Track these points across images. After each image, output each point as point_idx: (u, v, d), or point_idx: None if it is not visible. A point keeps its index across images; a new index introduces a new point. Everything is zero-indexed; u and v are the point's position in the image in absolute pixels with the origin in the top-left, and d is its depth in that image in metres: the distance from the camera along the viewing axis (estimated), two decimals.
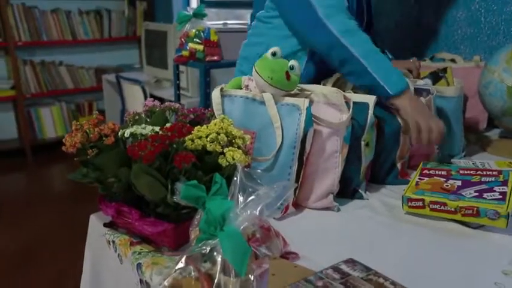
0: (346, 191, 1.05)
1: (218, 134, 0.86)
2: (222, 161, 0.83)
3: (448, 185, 0.99)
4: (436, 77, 1.42)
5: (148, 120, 0.99)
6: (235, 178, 0.74)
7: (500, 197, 0.92)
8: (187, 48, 1.79)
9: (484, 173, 1.02)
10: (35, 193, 3.17)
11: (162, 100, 3.09)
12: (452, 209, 0.91)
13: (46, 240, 2.49)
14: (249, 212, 0.70)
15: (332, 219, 0.97)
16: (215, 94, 1.00)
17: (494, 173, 1.02)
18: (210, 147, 0.83)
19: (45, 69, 3.95)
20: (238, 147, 0.87)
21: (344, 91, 1.25)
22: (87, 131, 0.84)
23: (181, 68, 2.32)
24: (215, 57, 1.77)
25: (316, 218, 0.97)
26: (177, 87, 2.13)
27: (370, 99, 1.04)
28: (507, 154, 1.33)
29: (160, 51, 2.85)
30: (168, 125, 0.93)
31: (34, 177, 3.56)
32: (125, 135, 0.84)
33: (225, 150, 0.83)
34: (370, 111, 1.03)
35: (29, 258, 2.34)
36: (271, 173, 0.95)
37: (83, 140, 0.83)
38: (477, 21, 1.65)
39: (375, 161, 1.12)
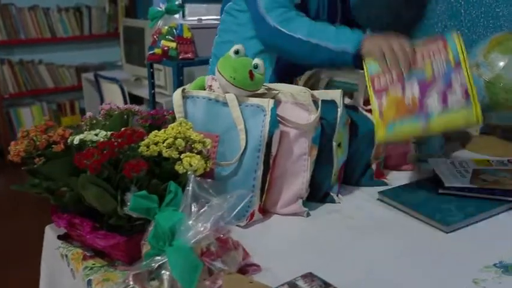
0: (317, 194, 1.01)
1: (175, 138, 0.81)
2: (178, 168, 0.78)
3: (409, 101, 0.94)
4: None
5: (105, 124, 0.94)
6: (187, 188, 0.70)
7: (465, 97, 0.90)
8: (160, 45, 1.73)
9: (433, 57, 0.96)
10: (15, 194, 3.11)
11: (141, 99, 3.04)
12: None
13: (26, 241, 2.43)
14: (200, 224, 0.66)
15: (301, 225, 0.93)
16: (176, 95, 0.95)
17: (442, 55, 0.95)
18: (166, 153, 0.79)
19: (24, 68, 3.86)
20: (199, 153, 0.83)
21: (317, 89, 1.21)
22: (34, 138, 0.79)
23: (159, 65, 2.27)
24: (189, 55, 1.72)
25: (284, 225, 0.93)
26: (152, 86, 2.07)
27: (337, 96, 0.99)
28: (487, 151, 1.30)
29: (138, 49, 2.79)
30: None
31: (14, 179, 3.49)
32: (74, 142, 0.79)
33: (182, 156, 0.79)
34: (340, 110, 0.99)
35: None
36: (235, 178, 0.90)
37: (29, 148, 0.78)
38: (457, 14, 1.62)
39: (348, 162, 1.08)
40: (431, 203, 0.96)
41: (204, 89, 0.97)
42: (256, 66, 0.92)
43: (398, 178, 1.15)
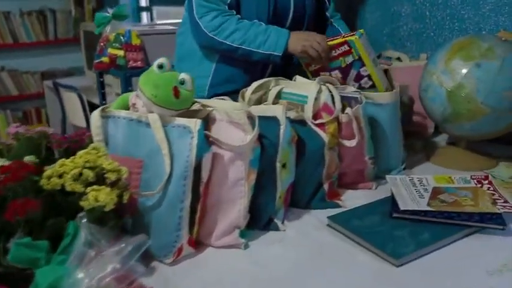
0: (260, 221, 0.92)
1: (84, 168, 0.71)
2: (84, 204, 0.68)
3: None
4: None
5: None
6: (82, 233, 0.60)
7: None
8: (107, 54, 1.62)
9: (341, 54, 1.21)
10: None
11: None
12: None
13: None
14: (92, 277, 0.56)
15: (237, 259, 0.83)
16: (94, 116, 0.85)
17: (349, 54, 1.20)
18: (69, 186, 0.69)
19: None
20: (113, 183, 0.73)
21: (265, 101, 1.12)
22: None
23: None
24: (138, 63, 1.62)
25: (218, 260, 0.83)
26: (102, 97, 1.96)
27: (279, 112, 0.90)
28: (452, 164, 1.22)
29: None
30: (28, 158, 0.78)
31: None
32: None
33: (87, 190, 0.69)
34: (282, 127, 0.90)
35: None
36: (159, 209, 0.80)
37: None
38: (422, 16, 1.54)
39: (296, 183, 0.99)
40: (384, 230, 0.88)
41: (128, 108, 0.87)
42: (182, 82, 0.83)
43: (354, 198, 1.06)
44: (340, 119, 1.03)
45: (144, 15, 3.64)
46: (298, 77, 1.15)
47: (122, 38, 1.62)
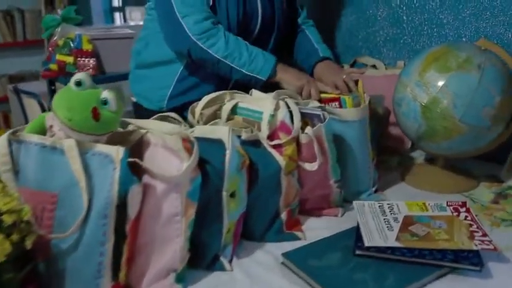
0: (203, 260, 0.81)
1: None
2: None
3: None
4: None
5: None
6: None
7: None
8: (55, 60, 1.49)
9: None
10: None
11: None
12: None
13: None
14: None
15: None
16: (1, 141, 0.72)
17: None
18: None
19: None
20: (10, 227, 0.61)
21: (219, 117, 1.01)
22: None
23: None
24: (90, 71, 1.49)
25: None
26: None
27: (224, 135, 0.79)
28: (428, 185, 1.12)
29: None
30: None
31: None
32: None
33: None
34: (228, 152, 0.78)
35: None
36: (74, 254, 0.68)
37: None
38: (399, 21, 1.44)
39: (249, 213, 0.88)
40: (343, 273, 0.76)
41: (45, 131, 0.75)
42: (105, 102, 0.71)
43: (316, 227, 0.96)
44: (299, 139, 0.92)
45: (117, 16, 3.51)
46: (254, 91, 1.03)
47: (71, 43, 1.49)
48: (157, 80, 1.30)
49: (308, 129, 0.91)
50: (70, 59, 1.47)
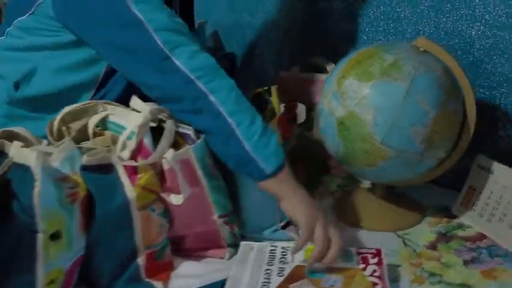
0: None
1: None
2: None
3: None
4: (262, 101, 1.01)
5: None
6: None
7: None
8: None
9: None
10: None
11: None
12: None
13: None
14: None
15: None
16: None
17: None
18: None
19: None
20: None
21: (86, 132, 0.84)
22: None
23: None
24: None
25: None
26: None
27: (31, 159, 0.62)
28: (359, 219, 0.91)
29: None
30: None
31: None
32: None
33: None
34: (38, 184, 0.62)
35: None
36: None
37: None
38: (354, 15, 1.23)
39: (89, 257, 0.71)
40: None
41: None
42: None
43: (187, 275, 0.78)
44: (162, 165, 0.74)
45: None
46: (134, 99, 0.84)
47: None
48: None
49: (169, 153, 0.73)
50: None
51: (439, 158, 0.83)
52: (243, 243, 0.79)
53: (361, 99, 0.79)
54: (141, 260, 0.74)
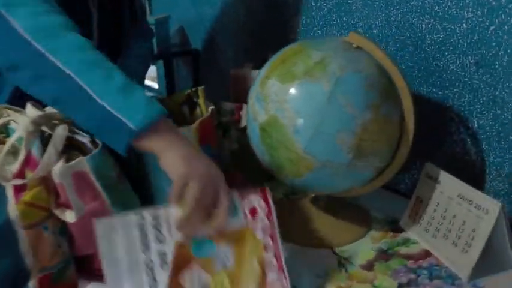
0: None
1: None
2: None
3: None
4: (192, 103, 0.93)
5: None
6: None
7: None
8: None
9: None
10: None
11: None
12: None
13: None
14: None
15: None
16: None
17: None
18: None
19: None
20: None
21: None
22: None
23: None
24: None
25: None
26: None
27: None
28: (292, 234, 0.83)
29: None
30: None
31: None
32: None
33: None
34: None
35: None
36: None
37: None
38: (308, 8, 1.14)
39: None
40: None
41: None
42: None
43: None
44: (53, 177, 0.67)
45: None
46: (29, 104, 0.75)
47: None
48: None
49: (58, 165, 0.66)
50: None
51: (376, 167, 0.75)
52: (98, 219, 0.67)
53: (282, 102, 0.71)
54: (32, 285, 0.67)
